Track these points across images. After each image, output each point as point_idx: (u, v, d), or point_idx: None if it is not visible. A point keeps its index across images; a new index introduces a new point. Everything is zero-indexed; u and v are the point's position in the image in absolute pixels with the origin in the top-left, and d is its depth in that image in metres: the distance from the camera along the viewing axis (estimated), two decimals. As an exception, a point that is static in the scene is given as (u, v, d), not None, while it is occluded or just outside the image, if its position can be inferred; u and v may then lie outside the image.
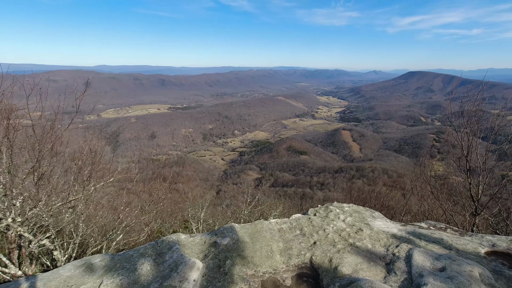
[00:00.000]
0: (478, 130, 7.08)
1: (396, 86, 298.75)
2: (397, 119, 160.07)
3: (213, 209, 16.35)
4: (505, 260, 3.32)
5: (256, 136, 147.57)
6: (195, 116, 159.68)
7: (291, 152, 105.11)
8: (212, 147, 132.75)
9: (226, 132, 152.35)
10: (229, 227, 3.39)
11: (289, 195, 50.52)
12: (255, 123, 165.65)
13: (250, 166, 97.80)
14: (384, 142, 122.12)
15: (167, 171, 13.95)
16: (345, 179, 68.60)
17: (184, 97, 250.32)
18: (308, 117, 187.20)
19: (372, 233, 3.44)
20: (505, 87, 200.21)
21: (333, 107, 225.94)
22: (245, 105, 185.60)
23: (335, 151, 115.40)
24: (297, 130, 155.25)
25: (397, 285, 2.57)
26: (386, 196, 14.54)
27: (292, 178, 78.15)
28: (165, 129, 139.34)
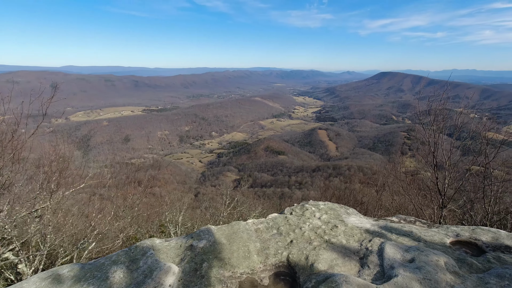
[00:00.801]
0: (444, 128, 7.51)
1: (369, 86, 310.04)
2: (371, 118, 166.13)
3: (191, 212, 16.09)
4: (468, 248, 3.55)
5: (233, 137, 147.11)
6: (171, 118, 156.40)
7: (269, 152, 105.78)
8: (189, 149, 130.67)
9: (203, 133, 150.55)
10: (206, 229, 3.35)
11: (268, 195, 50.81)
12: (232, 124, 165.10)
13: (229, 168, 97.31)
14: (359, 140, 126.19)
15: (143, 175, 13.55)
16: (322, 177, 70.06)
17: (159, 99, 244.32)
18: (285, 117, 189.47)
19: (346, 229, 3.54)
20: (467, 87, 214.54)
21: (309, 107, 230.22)
22: (222, 106, 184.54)
23: (312, 151, 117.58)
24: (274, 130, 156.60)
25: (370, 278, 2.66)
26: (361, 192, 15.04)
27: (270, 178, 78.62)
28: (140, 131, 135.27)
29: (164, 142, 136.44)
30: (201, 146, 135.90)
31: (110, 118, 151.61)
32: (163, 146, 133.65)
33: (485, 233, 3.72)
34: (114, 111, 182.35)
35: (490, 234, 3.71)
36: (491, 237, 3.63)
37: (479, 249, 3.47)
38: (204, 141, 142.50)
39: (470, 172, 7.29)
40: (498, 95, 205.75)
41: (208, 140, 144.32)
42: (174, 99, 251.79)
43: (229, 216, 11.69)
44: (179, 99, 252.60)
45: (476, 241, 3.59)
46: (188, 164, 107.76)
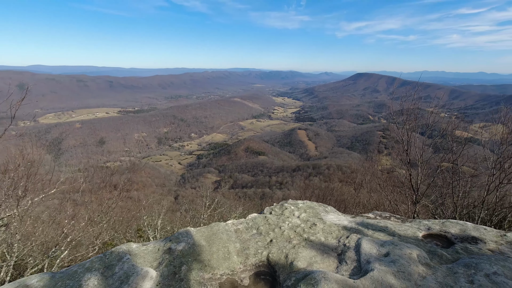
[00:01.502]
0: (416, 126, 7.85)
1: (346, 86, 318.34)
2: (348, 117, 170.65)
3: (171, 215, 15.79)
4: (439, 240, 3.72)
5: (213, 139, 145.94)
6: (149, 119, 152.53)
7: (249, 153, 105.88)
8: (168, 151, 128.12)
9: (182, 135, 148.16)
10: (184, 231, 3.29)
11: (249, 196, 50.80)
12: (212, 125, 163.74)
13: (209, 169, 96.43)
14: (338, 140, 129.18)
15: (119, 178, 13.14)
16: (302, 177, 71.01)
17: (135, 100, 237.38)
18: (265, 118, 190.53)
19: (325, 227, 3.61)
20: (437, 88, 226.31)
21: (288, 107, 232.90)
22: (201, 107, 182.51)
23: (292, 151, 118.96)
24: (254, 131, 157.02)
25: (348, 273, 2.73)
26: (340, 190, 15.40)
27: (251, 179, 78.70)
28: (116, 134, 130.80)
29: (141, 144, 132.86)
30: (180, 148, 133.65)
31: (83, 120, 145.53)
32: (140, 148, 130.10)
33: (454, 226, 3.92)
34: (87, 113, 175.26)
35: (459, 226, 3.91)
36: (459, 229, 3.83)
37: (449, 241, 3.65)
38: (183, 142, 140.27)
39: (441, 169, 7.67)
40: (465, 95, 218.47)
41: (187, 141, 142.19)
42: (151, 100, 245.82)
43: (210, 218, 11.58)
44: (157, 100, 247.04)
45: (446, 233, 3.77)
46: (167, 167, 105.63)
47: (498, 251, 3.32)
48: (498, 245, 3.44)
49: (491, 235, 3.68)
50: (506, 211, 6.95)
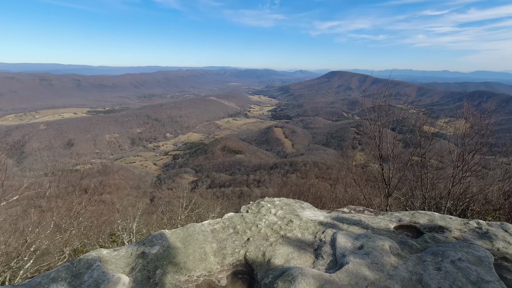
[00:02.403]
0: (387, 122, 8.17)
1: (320, 84, 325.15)
2: (323, 115, 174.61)
3: (147, 217, 15.37)
4: (409, 231, 3.89)
5: (189, 138, 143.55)
6: (121, 119, 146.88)
7: (226, 152, 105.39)
8: (143, 152, 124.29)
9: (157, 135, 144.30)
10: (158, 234, 3.18)
11: (227, 195, 50.59)
12: (187, 124, 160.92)
13: (185, 169, 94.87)
14: (313, 137, 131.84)
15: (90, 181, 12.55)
16: (280, 174, 71.83)
17: (105, 100, 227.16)
18: (241, 116, 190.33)
19: (301, 223, 3.65)
20: (406, 85, 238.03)
21: (264, 105, 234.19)
22: (176, 107, 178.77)
23: (269, 148, 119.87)
24: (231, 129, 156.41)
25: (324, 268, 2.77)
26: (316, 187, 15.70)
27: (229, 178, 78.42)
28: (85, 135, 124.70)
29: (113, 145, 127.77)
30: (156, 148, 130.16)
31: (49, 121, 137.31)
32: (112, 150, 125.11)
33: (423, 217, 4.11)
34: (53, 114, 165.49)
35: (427, 217, 4.11)
36: (428, 220, 4.03)
37: (418, 231, 3.82)
38: (158, 143, 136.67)
39: (411, 163, 8.05)
40: (432, 92, 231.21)
41: (162, 141, 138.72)
42: (123, 99, 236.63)
43: (187, 218, 11.40)
44: (129, 100, 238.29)
45: (415, 224, 3.95)
46: (142, 168, 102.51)
47: (462, 238, 3.53)
48: (462, 233, 3.66)
49: (456, 223, 3.90)
50: (469, 200, 7.42)
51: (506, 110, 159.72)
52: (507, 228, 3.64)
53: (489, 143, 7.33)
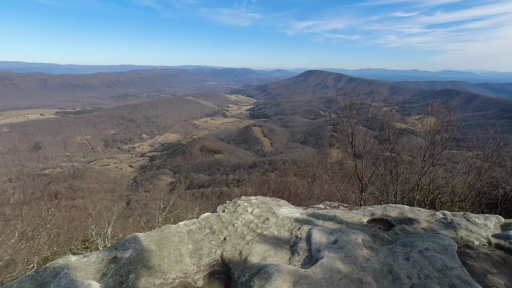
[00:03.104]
0: (361, 120, 8.44)
1: (298, 83, 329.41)
2: (301, 113, 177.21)
3: (123, 221, 14.95)
4: (381, 224, 4.04)
5: (166, 139, 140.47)
6: (93, 121, 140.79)
7: (205, 152, 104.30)
8: (118, 154, 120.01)
9: (133, 136, 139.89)
10: (132, 238, 3.09)
11: (207, 196, 50.06)
12: (164, 125, 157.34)
13: (163, 171, 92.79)
14: (292, 135, 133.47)
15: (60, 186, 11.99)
16: (259, 173, 72.00)
17: (75, 100, 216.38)
18: (219, 116, 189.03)
19: (277, 221, 3.69)
20: (379, 84, 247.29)
21: (242, 105, 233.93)
22: (152, 107, 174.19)
23: (248, 148, 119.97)
24: (209, 129, 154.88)
25: (300, 263, 2.82)
26: (295, 184, 15.91)
27: (208, 178, 77.66)
28: (54, 137, 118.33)
29: (86, 148, 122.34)
30: (131, 149, 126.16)
31: (12, 123, 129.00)
32: (85, 152, 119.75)
33: (393, 210, 4.29)
34: (16, 115, 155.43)
35: (397, 210, 4.30)
36: (398, 212, 4.21)
37: (390, 224, 3.99)
38: (134, 144, 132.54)
39: (383, 158, 8.37)
40: (403, 91, 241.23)
41: (138, 143, 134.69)
42: (95, 99, 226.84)
43: (165, 220, 11.19)
44: (101, 100, 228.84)
45: (387, 217, 4.11)
46: (117, 170, 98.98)
47: (430, 228, 3.72)
48: (429, 224, 3.85)
49: (424, 215, 4.10)
50: (437, 192, 7.83)
51: (471, 107, 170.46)
52: (469, 218, 3.88)
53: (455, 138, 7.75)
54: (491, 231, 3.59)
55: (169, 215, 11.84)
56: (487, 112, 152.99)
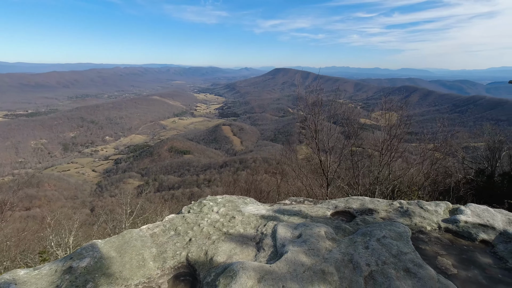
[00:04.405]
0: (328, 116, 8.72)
1: (266, 81, 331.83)
2: (270, 111, 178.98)
3: (87, 229, 14.36)
4: (344, 216, 4.22)
5: (132, 140, 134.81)
6: (49, 123, 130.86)
7: (173, 153, 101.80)
8: (78, 158, 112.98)
9: (95, 139, 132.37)
10: (89, 245, 2.92)
11: (177, 197, 48.90)
12: (129, 126, 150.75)
13: (130, 174, 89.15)
14: (262, 133, 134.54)
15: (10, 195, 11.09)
16: (230, 172, 71.69)
17: (27, 101, 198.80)
18: (188, 116, 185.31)
19: (243, 218, 3.71)
20: (344, 81, 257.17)
21: (211, 104, 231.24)
22: (115, 107, 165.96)
23: (218, 147, 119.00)
24: (177, 129, 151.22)
25: (265, 259, 2.85)
26: (265, 182, 16.07)
27: (178, 179, 75.95)
28: (3, 143, 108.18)
29: (41, 153, 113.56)
30: (94, 153, 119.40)
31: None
32: (40, 157, 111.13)
33: (355, 202, 4.49)
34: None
35: (359, 201, 4.50)
36: (359, 204, 4.41)
37: (352, 215, 4.17)
38: (96, 147, 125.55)
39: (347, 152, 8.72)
40: (367, 88, 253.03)
41: (101, 145, 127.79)
42: (50, 100, 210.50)
43: (133, 225, 10.81)
44: (58, 101, 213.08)
45: (349, 209, 4.29)
46: (78, 176, 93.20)
47: (388, 217, 3.95)
48: (387, 213, 4.09)
49: (382, 205, 4.34)
50: (395, 182, 8.35)
51: (427, 102, 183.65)
52: (422, 205, 4.17)
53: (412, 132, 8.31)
54: (441, 216, 3.90)
55: (137, 219, 11.50)
56: (441, 107, 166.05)
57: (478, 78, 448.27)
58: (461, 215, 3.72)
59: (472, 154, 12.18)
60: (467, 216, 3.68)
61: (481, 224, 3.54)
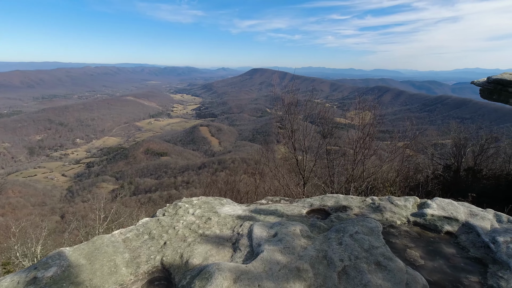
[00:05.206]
0: (302, 116, 8.87)
1: (243, 81, 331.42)
2: (248, 111, 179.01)
3: (57, 237, 13.72)
4: (319, 214, 4.30)
5: (105, 143, 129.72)
6: (12, 126, 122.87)
7: (150, 155, 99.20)
8: (46, 163, 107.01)
9: (64, 142, 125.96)
10: (56, 254, 2.78)
11: (154, 200, 47.69)
12: (102, 128, 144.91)
13: (103, 178, 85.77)
14: (240, 133, 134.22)
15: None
16: (209, 173, 70.90)
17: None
18: (164, 117, 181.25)
19: (220, 220, 3.68)
20: (321, 81, 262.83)
21: (188, 104, 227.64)
22: (86, 108, 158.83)
23: (196, 148, 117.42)
24: (153, 131, 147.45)
25: (241, 259, 2.85)
26: (244, 182, 16.04)
27: (155, 182, 74.09)
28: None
29: (4, 157, 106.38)
30: (63, 157, 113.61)
31: None
32: (3, 162, 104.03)
33: (330, 199, 4.60)
34: None
35: (333, 199, 4.61)
36: (334, 201, 4.52)
37: (327, 213, 4.26)
38: (66, 150, 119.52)
39: (323, 151, 8.92)
40: (342, 88, 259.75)
41: (72, 149, 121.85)
42: (13, 101, 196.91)
43: (107, 231, 10.41)
44: (22, 102, 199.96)
45: (324, 207, 4.39)
46: (46, 181, 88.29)
47: (361, 214, 4.08)
48: (360, 209, 4.22)
49: (356, 202, 4.48)
50: (369, 179, 8.65)
51: (399, 102, 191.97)
52: (393, 201, 4.35)
53: (386, 130, 8.66)
54: (410, 210, 4.09)
55: (111, 225, 11.14)
56: (411, 106, 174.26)
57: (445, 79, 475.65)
58: (428, 208, 3.92)
59: (441, 151, 12.88)
60: (433, 210, 3.88)
61: (446, 216, 3.75)
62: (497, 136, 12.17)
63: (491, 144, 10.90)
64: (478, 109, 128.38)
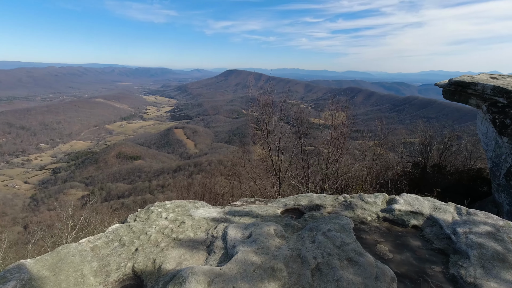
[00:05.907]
0: (278, 117, 8.96)
1: (218, 83, 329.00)
2: (224, 113, 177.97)
3: (20, 249, 12.85)
4: (293, 213, 4.36)
5: (73, 147, 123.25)
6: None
7: (122, 159, 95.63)
8: (6, 170, 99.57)
9: (27, 147, 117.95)
10: (16, 266, 2.59)
11: (127, 206, 45.98)
12: (69, 131, 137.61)
13: (72, 184, 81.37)
14: (216, 135, 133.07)
15: None
16: (185, 176, 69.54)
17: None
18: (137, 119, 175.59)
19: (194, 223, 3.62)
20: (295, 83, 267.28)
21: (162, 106, 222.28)
22: (51, 111, 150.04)
23: (171, 151, 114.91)
24: (125, 134, 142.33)
25: (216, 262, 2.82)
26: (220, 184, 15.91)
27: (128, 186, 71.49)
28: None
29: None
30: (26, 163, 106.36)
31: None
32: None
33: (304, 198, 4.68)
34: None
35: (307, 198, 4.70)
36: (308, 201, 4.60)
37: (301, 212, 4.33)
38: (29, 156, 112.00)
39: (301, 151, 9.07)
40: (316, 89, 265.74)
41: (35, 154, 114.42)
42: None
43: (76, 240, 9.90)
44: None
45: (298, 206, 4.46)
46: (6, 189, 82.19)
47: (334, 212, 4.19)
48: (333, 207, 4.34)
49: (329, 200, 4.59)
50: (343, 178, 8.91)
51: (370, 102, 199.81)
52: (363, 198, 4.52)
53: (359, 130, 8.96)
54: (379, 207, 4.26)
55: (80, 233, 10.63)
56: (382, 107, 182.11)
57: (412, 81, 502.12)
58: (395, 204, 4.11)
59: (409, 149, 13.59)
60: (400, 205, 4.07)
61: (412, 211, 3.95)
62: (459, 134, 13.07)
63: (454, 142, 11.67)
64: (442, 109, 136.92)
